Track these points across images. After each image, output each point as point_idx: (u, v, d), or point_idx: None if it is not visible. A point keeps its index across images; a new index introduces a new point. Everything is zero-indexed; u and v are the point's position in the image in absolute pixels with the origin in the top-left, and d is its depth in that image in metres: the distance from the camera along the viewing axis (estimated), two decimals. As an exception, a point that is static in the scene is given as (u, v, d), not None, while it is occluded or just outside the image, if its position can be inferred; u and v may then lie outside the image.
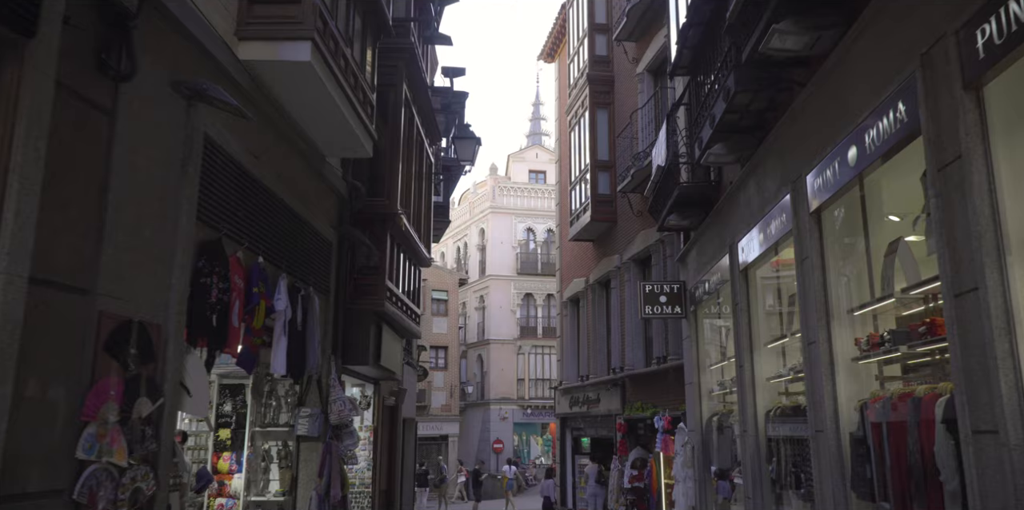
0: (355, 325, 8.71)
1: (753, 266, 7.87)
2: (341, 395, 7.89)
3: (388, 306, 9.06)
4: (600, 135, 17.56)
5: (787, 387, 7.57)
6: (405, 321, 10.25)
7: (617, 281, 17.03)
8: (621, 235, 16.98)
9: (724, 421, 9.50)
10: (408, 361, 13.42)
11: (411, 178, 10.35)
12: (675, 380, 13.44)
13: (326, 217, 8.23)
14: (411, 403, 14.19)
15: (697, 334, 10.82)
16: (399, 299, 9.78)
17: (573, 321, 20.74)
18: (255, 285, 5.91)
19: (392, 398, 12.16)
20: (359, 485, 10.86)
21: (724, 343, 10.04)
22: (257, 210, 6.22)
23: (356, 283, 8.92)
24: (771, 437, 7.32)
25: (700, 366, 10.62)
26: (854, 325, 5.57)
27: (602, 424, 17.90)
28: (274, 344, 6.39)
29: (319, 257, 7.94)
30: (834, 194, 5.48)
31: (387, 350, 9.70)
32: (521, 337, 40.31)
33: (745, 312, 8.00)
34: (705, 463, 10.31)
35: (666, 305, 11.29)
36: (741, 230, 8.00)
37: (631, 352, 15.76)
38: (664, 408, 13.46)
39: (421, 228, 11.34)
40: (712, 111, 7.28)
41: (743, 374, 8.01)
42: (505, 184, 42.53)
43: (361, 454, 10.97)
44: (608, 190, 17.39)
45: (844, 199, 5.59)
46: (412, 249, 10.58)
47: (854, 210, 5.59)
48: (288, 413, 7.92)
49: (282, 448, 7.87)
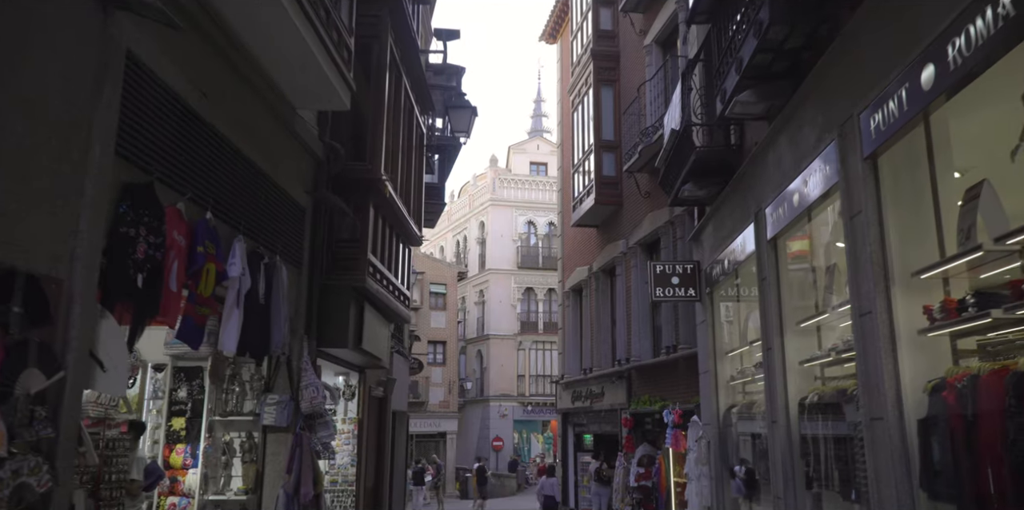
0: (333, 303, 7.75)
1: (784, 234, 6.90)
2: (314, 380, 6.93)
3: (371, 283, 8.10)
4: (605, 114, 16.59)
5: (824, 371, 6.61)
6: (392, 302, 9.28)
7: (622, 267, 16.06)
8: (627, 219, 16.01)
9: (744, 413, 8.54)
10: (398, 350, 12.45)
11: (399, 146, 9.39)
12: (686, 371, 12.48)
13: (299, 180, 7.27)
14: (402, 395, 13.23)
15: (713, 318, 9.86)
16: (384, 277, 8.81)
17: (575, 312, 19.77)
18: (200, 244, 4.95)
19: (380, 389, 11.20)
20: (342, 482, 9.91)
21: (744, 327, 9.08)
22: (206, 158, 5.26)
23: (335, 256, 7.96)
24: (806, 428, 6.36)
25: (716, 353, 9.66)
26: (921, 290, 4.60)
27: (606, 419, 16.94)
28: (224, 316, 5.44)
29: (289, 223, 6.98)
30: (900, 130, 4.51)
31: (371, 333, 8.74)
32: (521, 332, 39.33)
33: (773, 287, 7.04)
34: (722, 459, 9.35)
35: (679, 287, 10.32)
36: (769, 195, 7.04)
37: (637, 342, 14.80)
38: (674, 401, 12.50)
39: (411, 203, 10.38)
40: (739, 54, 6.31)
41: (772, 358, 7.05)
42: (505, 176, 41.55)
43: (344, 449, 10.02)
44: (613, 172, 16.43)
45: (910, 138, 4.62)
46: (400, 224, 9.62)
47: (920, 150, 4.62)
48: (253, 400, 6.96)
49: (246, 440, 6.91)
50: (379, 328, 9.40)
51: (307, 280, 7.45)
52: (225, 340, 5.42)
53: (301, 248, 7.27)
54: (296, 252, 7.13)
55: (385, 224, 9.02)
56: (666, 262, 10.65)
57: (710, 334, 9.79)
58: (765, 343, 7.25)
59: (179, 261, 4.69)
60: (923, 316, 4.48)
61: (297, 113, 6.93)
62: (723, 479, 9.33)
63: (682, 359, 12.53)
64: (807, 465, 6.42)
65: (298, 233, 7.20)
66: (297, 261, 7.17)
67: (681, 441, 12.17)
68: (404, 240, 10.30)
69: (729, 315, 9.73)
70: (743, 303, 9.41)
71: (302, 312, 7.29)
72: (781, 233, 6.90)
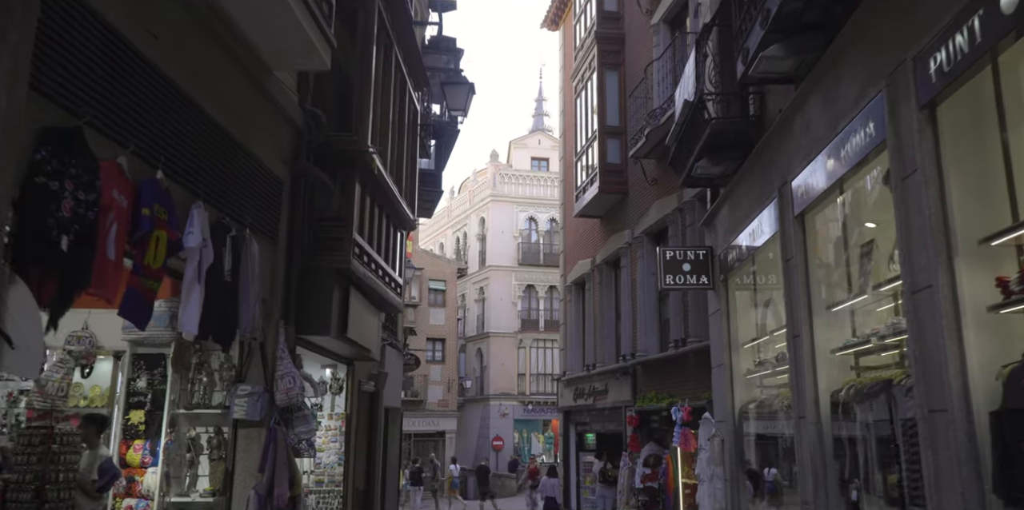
0: (314, 286, 7.05)
1: (813, 209, 6.20)
2: (290, 370, 6.24)
3: (357, 265, 7.40)
4: (609, 98, 15.89)
5: (859, 360, 5.91)
6: (381, 288, 8.58)
7: (627, 259, 15.36)
8: (632, 208, 15.31)
9: (765, 409, 7.84)
10: (391, 342, 11.76)
11: (389, 120, 8.69)
12: (696, 365, 11.78)
13: (275, 149, 6.58)
14: (395, 390, 12.53)
15: (728, 307, 9.16)
16: (373, 261, 8.12)
17: (578, 306, 19.07)
18: (146, 206, 4.25)
19: (371, 383, 10.51)
20: (328, 483, 9.20)
21: (763, 315, 8.38)
22: (157, 110, 4.57)
23: (317, 235, 7.27)
24: (841, 424, 5.66)
25: (732, 345, 8.96)
26: (990, 260, 3.90)
27: (610, 417, 16.24)
28: (183, 293, 4.74)
29: (263, 195, 6.28)
30: (967, 70, 3.81)
31: (358, 322, 8.05)
32: (522, 330, 38.57)
33: (800, 269, 6.34)
34: (738, 459, 8.65)
35: (690, 275, 9.62)
36: (796, 166, 6.34)
37: (644, 336, 14.10)
38: (683, 397, 11.81)
39: (404, 184, 9.68)
40: (766, 5, 5.61)
41: (799, 347, 6.35)
42: (506, 171, 40.79)
43: (331, 446, 9.32)
44: (618, 159, 15.73)
45: (976, 83, 3.92)
46: (391, 205, 8.92)
47: (988, 96, 3.92)
48: (223, 392, 6.26)
49: (214, 436, 6.22)
50: (367, 317, 8.71)
51: (284, 260, 6.75)
52: (184, 320, 4.72)
53: (277, 224, 6.57)
54: (271, 227, 6.44)
55: (374, 204, 8.32)
56: (676, 248, 9.95)
57: (725, 324, 9.09)
58: (791, 330, 6.55)
59: (119, 224, 3.99)
60: (995, 289, 3.78)
61: (273, 74, 6.24)
62: (738, 480, 8.63)
63: (692, 353, 11.84)
64: (841, 466, 5.72)
65: (273, 207, 6.50)
66: (272, 237, 6.47)
67: (691, 440, 11.48)
68: (396, 223, 9.60)
69: (746, 303, 9.03)
70: (761, 291, 8.72)
71: (278, 294, 6.60)
72: (810, 208, 6.20)
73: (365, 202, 7.92)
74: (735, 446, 8.73)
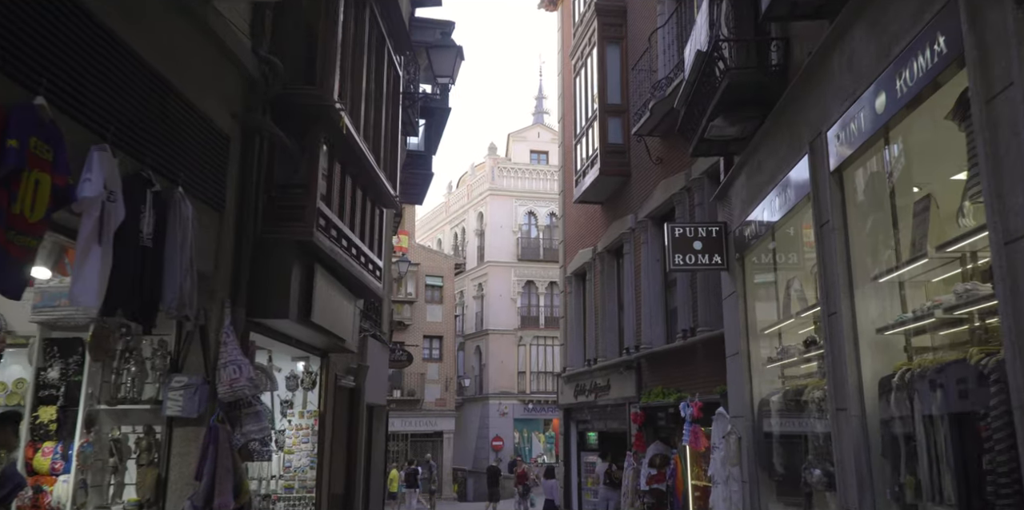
0: (271, 261, 6.09)
1: (854, 162, 5.23)
2: (236, 357, 5.27)
3: (322, 239, 6.43)
4: (611, 75, 14.90)
5: (910, 340, 4.95)
6: (356, 270, 7.62)
7: (631, 245, 14.38)
8: (636, 191, 14.34)
9: (790, 401, 6.86)
10: (374, 333, 10.79)
11: (363, 79, 7.72)
12: (707, 356, 10.82)
13: (221, 99, 5.61)
14: (380, 386, 11.56)
15: (745, 289, 8.19)
16: (344, 236, 7.15)
17: (578, 298, 18.10)
18: (15, 137, 3.29)
19: (350, 377, 9.54)
20: (298, 488, 8.24)
21: (787, 296, 7.41)
22: (38, 23, 3.60)
23: (276, 203, 6.31)
24: (894, 416, 4.68)
25: (749, 331, 7.99)
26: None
27: (612, 415, 15.26)
28: (77, 255, 3.77)
29: (204, 151, 5.32)
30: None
31: (327, 306, 7.09)
32: (522, 327, 37.57)
33: (839, 233, 5.37)
34: (757, 459, 7.68)
35: (701, 254, 8.65)
36: (834, 111, 5.37)
37: (649, 327, 13.12)
38: (692, 392, 10.84)
39: (383, 156, 8.71)
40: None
41: (836, 327, 5.38)
42: (505, 165, 39.82)
43: (302, 447, 8.36)
44: (620, 139, 14.75)
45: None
46: (367, 175, 7.96)
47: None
48: (156, 384, 5.30)
49: (144, 436, 5.24)
50: (340, 301, 7.74)
51: (234, 229, 5.79)
52: (77, 289, 3.76)
53: (223, 187, 5.60)
54: (215, 191, 5.47)
55: (345, 172, 7.36)
56: (686, 224, 8.98)
57: (741, 308, 8.12)
58: (826, 308, 5.57)
59: (-32, 156, 3.04)
60: None
61: (212, 5, 5.27)
62: (758, 481, 7.66)
63: (701, 343, 10.87)
64: (893, 467, 4.75)
65: (218, 167, 5.53)
66: (217, 203, 5.50)
67: (701, 438, 10.52)
68: (375, 199, 8.64)
69: (765, 284, 8.07)
70: (782, 270, 7.76)
71: (225, 270, 5.63)
72: (850, 161, 5.23)
73: (334, 169, 6.95)
74: (754, 444, 7.76)
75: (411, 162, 13.94)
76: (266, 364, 6.63)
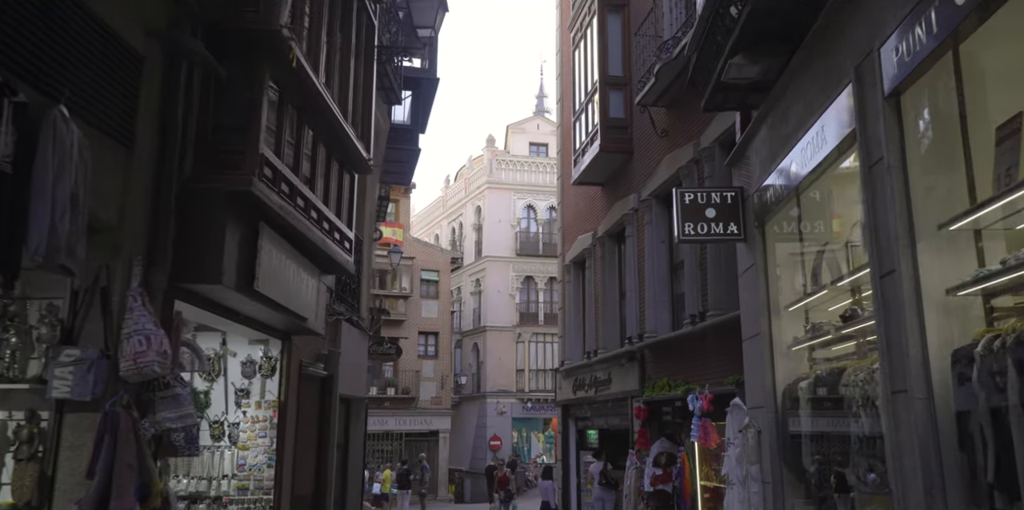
0: (201, 215, 5.05)
1: (918, 79, 4.17)
2: (146, 327, 4.24)
3: (267, 192, 5.40)
4: (612, 45, 13.85)
5: (989, 302, 3.90)
6: (315, 236, 6.58)
7: (633, 227, 13.33)
8: (638, 169, 13.30)
9: (824, 387, 5.80)
10: (349, 318, 9.73)
11: (324, 14, 6.67)
12: (718, 343, 9.78)
13: (132, 10, 4.56)
14: (357, 376, 10.50)
15: (766, 261, 7.13)
16: (299, 194, 6.11)
17: (577, 287, 17.04)
18: None
19: (320, 365, 8.50)
20: (254, 489, 7.19)
21: (816, 268, 6.36)
22: None
23: (209, 148, 5.26)
24: (974, 399, 3.62)
25: (772, 308, 6.93)
26: None
27: (614, 410, 14.20)
28: None
29: (105, 70, 4.27)
30: None
31: (278, 275, 6.04)
32: (520, 324, 36.50)
33: (897, 172, 4.31)
34: (783, 455, 6.62)
35: (715, 223, 7.60)
36: (889, 22, 4.33)
37: (653, 314, 12.07)
38: (701, 383, 9.81)
39: (354, 112, 7.68)
40: None
41: (893, 288, 4.33)
42: (503, 157, 38.74)
43: (259, 443, 7.32)
44: (622, 113, 13.70)
45: None
46: (331, 131, 6.92)
47: None
48: (43, 358, 4.25)
49: (26, 424, 4.19)
50: (297, 273, 6.68)
51: (151, 172, 4.74)
52: None
53: (132, 116, 4.56)
54: (118, 118, 4.42)
55: (303, 122, 6.32)
56: (698, 189, 7.92)
57: (762, 283, 7.06)
58: (879, 267, 4.52)
59: None
60: None
61: None
62: (783, 482, 6.60)
63: (712, 329, 9.83)
64: (973, 462, 3.70)
65: (124, 90, 4.49)
66: (121, 134, 4.46)
67: (712, 433, 9.49)
68: (343, 160, 7.61)
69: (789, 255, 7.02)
70: (809, 239, 6.72)
71: (137, 220, 4.59)
72: (912, 79, 4.17)
73: (285, 113, 5.91)
74: (778, 439, 6.70)
75: (396, 136, 12.92)
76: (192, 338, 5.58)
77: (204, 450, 7.41)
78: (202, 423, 7.51)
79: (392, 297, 33.09)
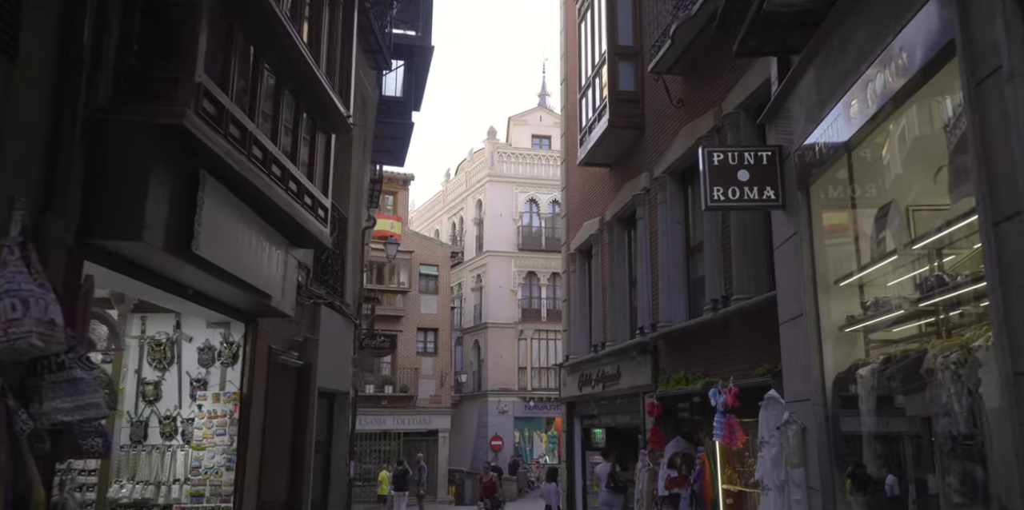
0: (117, 156, 4.00)
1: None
2: (24, 286, 3.19)
3: (209, 133, 4.35)
4: (622, 12, 12.81)
5: None
6: (278, 197, 5.54)
7: (645, 208, 12.27)
8: (650, 145, 12.25)
9: (896, 375, 4.73)
10: (331, 302, 8.68)
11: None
12: (744, 330, 8.74)
13: None
14: (340, 368, 9.43)
15: (811, 229, 6.07)
16: (256, 143, 5.07)
17: (583, 277, 16.00)
18: None
19: (294, 353, 7.46)
20: (210, 496, 6.16)
21: (878, 230, 5.30)
22: None
23: (138, 76, 4.22)
24: None
25: (817, 285, 5.89)
26: None
27: (623, 408, 13.15)
28: None
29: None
30: None
31: (228, 239, 4.99)
32: (523, 320, 35.47)
33: (1022, 81, 3.25)
34: (835, 456, 5.56)
35: (748, 187, 6.53)
36: None
37: (667, 302, 11.02)
38: (724, 375, 8.76)
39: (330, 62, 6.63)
40: None
41: (1014, 237, 3.27)
42: (505, 150, 37.73)
43: (216, 442, 6.28)
44: (632, 86, 12.65)
45: None
46: (298, 73, 5.87)
47: None
48: None
49: None
50: (257, 240, 5.63)
51: (47, 95, 3.69)
52: None
53: (15, 18, 3.50)
54: None
55: (261, 57, 5.27)
56: (728, 148, 6.85)
57: (806, 255, 6.01)
58: (991, 212, 3.45)
59: None
60: None
61: None
62: (835, 489, 5.54)
63: (737, 315, 8.77)
64: None
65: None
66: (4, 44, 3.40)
67: (738, 431, 8.45)
68: (314, 112, 6.55)
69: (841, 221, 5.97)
70: (864, 202, 5.68)
71: (24, 152, 3.54)
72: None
73: (234, 41, 4.86)
74: (828, 437, 5.65)
75: (388, 109, 11.88)
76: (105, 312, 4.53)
77: (153, 450, 6.41)
78: (151, 419, 6.50)
79: (390, 292, 32.07)
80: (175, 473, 6.23)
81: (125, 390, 6.38)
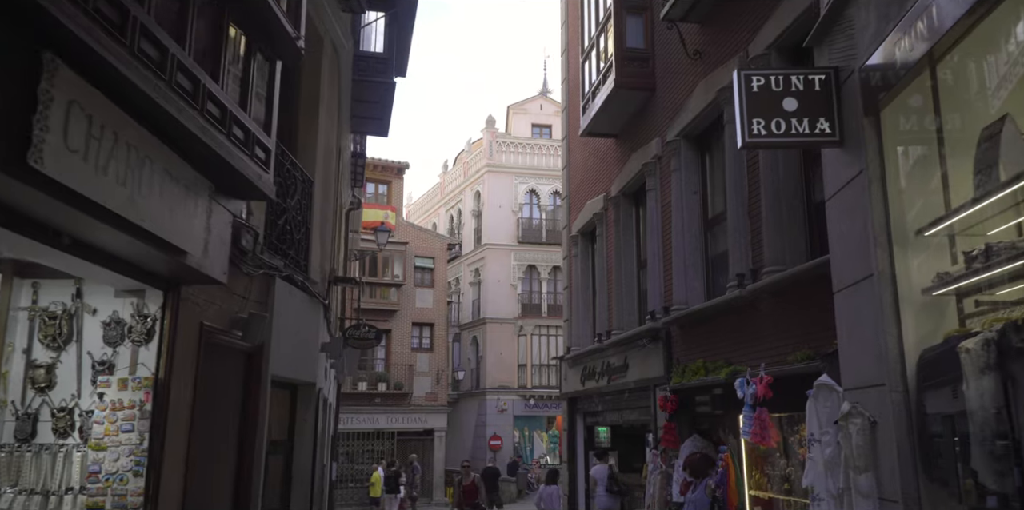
0: None
1: None
2: None
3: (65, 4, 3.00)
4: (628, -39, 11.48)
5: None
6: (190, 120, 4.20)
7: (655, 179, 10.94)
8: (662, 108, 10.91)
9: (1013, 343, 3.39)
10: (289, 275, 7.33)
11: None
12: (777, 308, 7.42)
13: None
14: (306, 354, 8.07)
15: (882, 168, 4.72)
16: (142, 30, 3.73)
17: (586, 261, 14.66)
18: None
19: (236, 332, 6.12)
20: (111, 507, 4.81)
21: (983, 160, 3.95)
22: None
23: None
24: None
25: (896, 237, 4.55)
26: None
27: (631, 403, 11.81)
28: None
29: None
30: None
31: (102, 160, 3.66)
32: (522, 316, 34.09)
33: None
34: (922, 459, 4.22)
35: (796, 118, 5.18)
36: None
37: (683, 282, 9.68)
38: (753, 363, 7.44)
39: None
40: None
41: None
42: (504, 139, 36.37)
43: (122, 442, 4.93)
44: (641, 42, 11.32)
45: None
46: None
47: None
48: None
49: None
50: (160, 177, 4.28)
51: None
52: None
53: None
54: None
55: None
56: (771, 71, 5.48)
57: (877, 198, 4.67)
58: None
59: None
60: None
61: None
62: (923, 501, 4.20)
63: (768, 290, 7.44)
64: None
65: None
66: None
67: (771, 428, 7.12)
68: (249, 28, 5.22)
69: (925, 156, 4.63)
70: (952, 131, 4.34)
71: None
72: None
73: None
74: (910, 433, 4.30)
75: (366, 66, 10.54)
76: None
77: (42, 451, 5.07)
78: (42, 411, 5.17)
79: (384, 285, 30.75)
80: (68, 480, 4.90)
81: (9, 375, 5.06)
